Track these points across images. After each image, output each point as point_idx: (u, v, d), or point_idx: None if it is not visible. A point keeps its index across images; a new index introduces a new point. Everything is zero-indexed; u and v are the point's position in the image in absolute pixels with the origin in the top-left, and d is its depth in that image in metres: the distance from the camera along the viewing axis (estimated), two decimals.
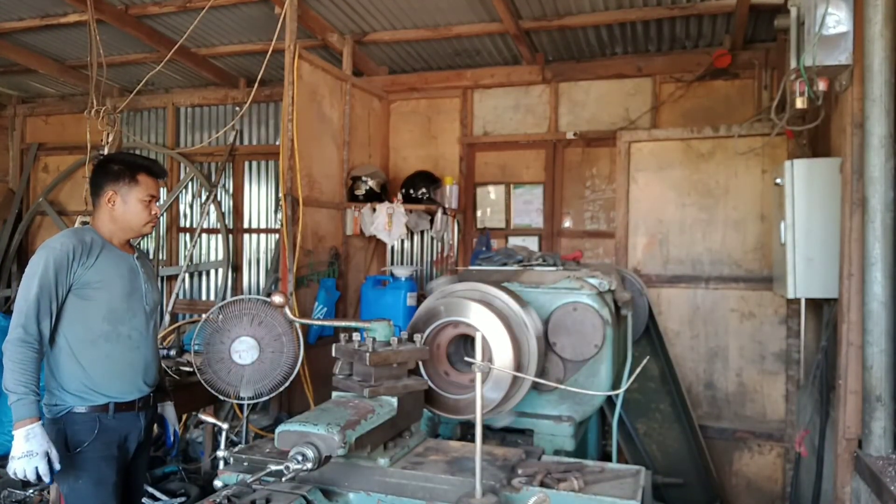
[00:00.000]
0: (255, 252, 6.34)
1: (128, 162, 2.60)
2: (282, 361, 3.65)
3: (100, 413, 2.45)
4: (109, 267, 2.50)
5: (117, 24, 4.86)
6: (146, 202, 2.57)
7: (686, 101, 5.08)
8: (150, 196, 2.58)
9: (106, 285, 2.47)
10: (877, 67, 2.62)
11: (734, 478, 4.76)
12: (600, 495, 1.86)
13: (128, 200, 2.55)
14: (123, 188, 2.54)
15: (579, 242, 5.37)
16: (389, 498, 1.92)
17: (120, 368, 2.50)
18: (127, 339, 2.52)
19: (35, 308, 2.33)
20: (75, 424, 2.42)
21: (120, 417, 2.49)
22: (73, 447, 2.40)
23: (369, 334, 2.18)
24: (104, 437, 2.44)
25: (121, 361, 2.50)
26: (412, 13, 4.79)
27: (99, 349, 2.45)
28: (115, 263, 2.53)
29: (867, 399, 2.70)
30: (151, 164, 2.64)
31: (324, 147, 4.82)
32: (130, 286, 2.55)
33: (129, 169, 2.56)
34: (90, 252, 2.46)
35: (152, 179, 2.60)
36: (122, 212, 2.56)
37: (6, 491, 3.89)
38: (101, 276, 2.46)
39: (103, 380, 2.46)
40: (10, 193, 7.04)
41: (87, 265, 2.44)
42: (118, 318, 2.50)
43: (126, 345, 2.52)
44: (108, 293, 2.47)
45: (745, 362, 4.80)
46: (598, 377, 2.93)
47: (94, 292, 2.45)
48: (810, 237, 3.46)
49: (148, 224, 2.61)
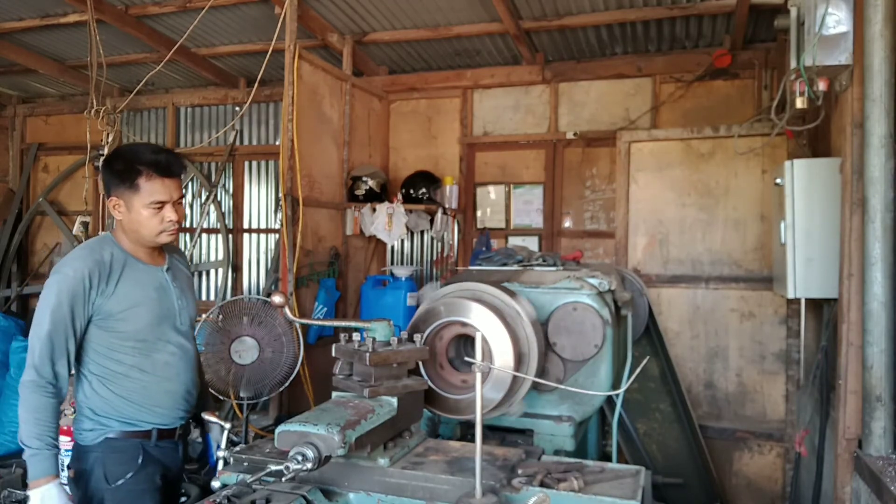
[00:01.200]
0: (255, 252, 6.34)
1: (128, 159, 2.15)
2: (282, 361, 3.66)
3: (143, 440, 2.17)
4: (134, 291, 2.15)
5: (117, 24, 4.86)
6: (155, 208, 2.15)
7: (686, 101, 5.08)
8: (156, 202, 2.14)
9: (131, 315, 2.13)
10: (877, 67, 2.62)
11: (734, 478, 4.76)
12: (600, 495, 1.86)
13: (132, 207, 2.15)
14: (126, 193, 2.14)
15: (579, 242, 5.37)
16: (389, 498, 1.92)
17: (158, 399, 2.21)
18: (163, 367, 2.21)
19: (48, 347, 2.02)
20: (115, 452, 2.13)
21: (162, 445, 2.22)
22: (113, 479, 2.11)
23: (369, 334, 2.17)
24: (147, 467, 2.16)
25: (158, 391, 2.20)
26: (412, 13, 4.79)
27: (133, 381, 2.16)
28: (140, 285, 2.18)
29: (867, 399, 2.70)
30: (157, 160, 2.15)
31: (324, 147, 4.82)
32: (160, 309, 2.21)
33: (129, 169, 2.13)
34: (110, 275, 2.11)
35: (158, 180, 2.14)
36: (128, 220, 2.18)
37: (6, 491, 3.89)
38: (124, 304, 2.12)
39: (144, 407, 2.18)
40: (10, 193, 7.05)
41: (106, 293, 2.10)
42: (149, 347, 2.18)
43: (163, 374, 2.21)
44: (133, 324, 2.14)
45: (745, 362, 4.80)
46: (598, 377, 2.93)
47: (117, 323, 2.12)
48: (810, 237, 3.45)
49: (162, 234, 2.19)
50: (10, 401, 4.61)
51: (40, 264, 6.96)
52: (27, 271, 7.03)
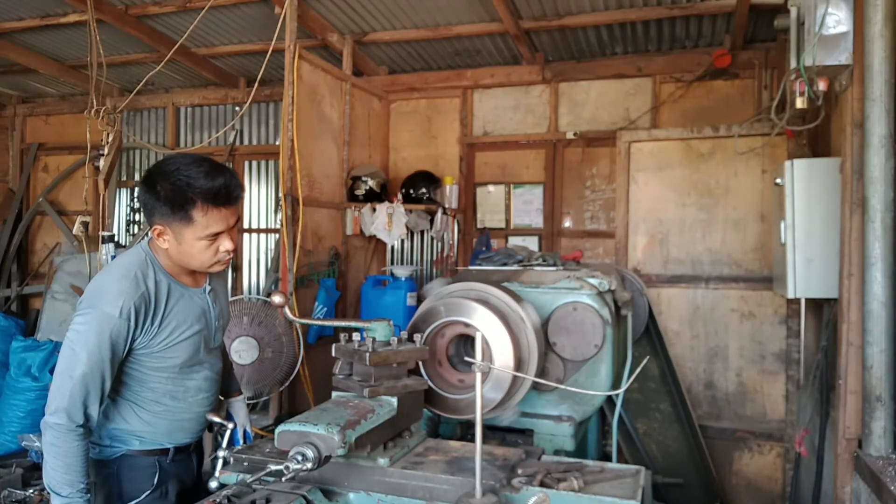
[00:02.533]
0: (255, 252, 6.34)
1: (179, 186, 1.84)
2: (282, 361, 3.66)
3: (159, 457, 2.07)
4: (179, 325, 1.98)
5: (117, 24, 4.86)
6: (210, 240, 1.91)
7: (686, 101, 5.08)
8: (212, 234, 1.90)
9: (172, 351, 1.98)
10: (877, 67, 2.62)
11: (734, 478, 4.76)
12: (600, 495, 1.86)
13: (182, 239, 1.91)
14: (175, 223, 1.88)
15: (579, 242, 5.37)
16: (389, 498, 1.92)
17: (183, 423, 2.11)
18: (195, 392, 2.11)
19: (82, 391, 1.83)
20: (132, 470, 2.03)
21: (178, 460, 2.13)
22: (129, 497, 2.02)
23: (369, 334, 2.17)
24: (163, 484, 2.07)
25: (187, 416, 2.11)
26: (412, 13, 4.79)
27: (162, 406, 2.05)
28: (184, 316, 1.99)
29: (867, 399, 2.70)
30: (215, 188, 1.85)
31: (324, 147, 4.82)
32: (200, 338, 2.05)
33: (180, 197, 1.84)
34: (155, 310, 1.91)
35: (215, 210, 1.87)
36: (176, 252, 1.95)
37: (6, 491, 3.89)
38: (168, 341, 1.96)
39: (169, 432, 2.08)
40: (10, 193, 7.05)
41: (151, 331, 1.92)
42: (184, 375, 2.06)
43: (193, 398, 2.11)
44: (174, 359, 2.00)
45: (745, 362, 4.80)
46: (598, 377, 2.93)
47: (156, 360, 1.98)
48: (810, 237, 3.46)
49: (215, 265, 2.00)
50: (10, 401, 4.62)
51: (40, 264, 6.96)
52: (27, 271, 7.03)
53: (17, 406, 4.55)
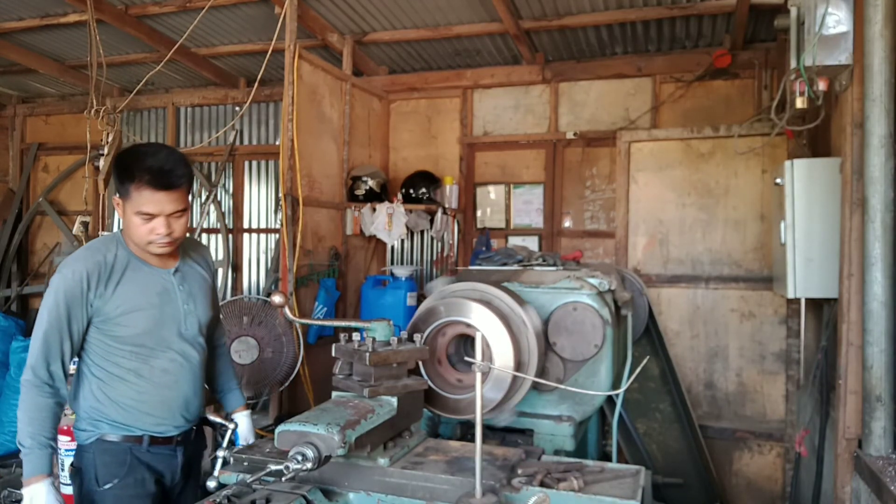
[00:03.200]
0: (255, 252, 6.34)
1: (128, 162, 2.02)
2: (282, 361, 3.66)
3: (133, 444, 2.11)
4: (134, 294, 2.08)
5: (117, 24, 4.86)
6: (144, 218, 2.02)
7: (686, 101, 5.08)
8: (144, 213, 2.02)
9: (129, 320, 2.06)
10: (877, 67, 2.62)
11: (734, 478, 4.76)
12: (600, 495, 1.86)
13: (126, 211, 2.04)
14: (122, 196, 2.04)
15: (579, 242, 5.37)
16: (389, 498, 1.92)
17: (152, 406, 2.13)
18: (161, 374, 2.13)
19: (44, 348, 1.99)
20: (105, 454, 2.09)
21: (156, 451, 2.14)
22: (103, 482, 2.07)
23: (369, 334, 2.18)
24: (137, 472, 2.10)
25: (153, 398, 2.12)
26: (412, 13, 4.79)
27: (129, 386, 2.10)
28: (141, 287, 2.10)
29: (867, 399, 2.70)
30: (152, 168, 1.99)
31: (324, 147, 4.82)
32: (161, 314, 2.12)
33: (125, 172, 2.01)
34: (110, 276, 2.05)
35: (148, 191, 1.99)
36: (124, 224, 2.09)
37: (6, 491, 3.89)
38: (122, 308, 2.05)
39: (135, 414, 2.11)
40: (10, 193, 7.05)
41: (105, 296, 2.04)
42: (148, 352, 2.11)
43: (160, 380, 2.13)
44: (132, 328, 2.07)
45: (745, 362, 4.80)
46: (598, 377, 2.93)
47: (115, 327, 2.06)
48: (810, 237, 3.45)
49: (150, 245, 2.07)
50: (10, 401, 4.62)
51: (40, 264, 6.96)
52: (27, 271, 7.03)
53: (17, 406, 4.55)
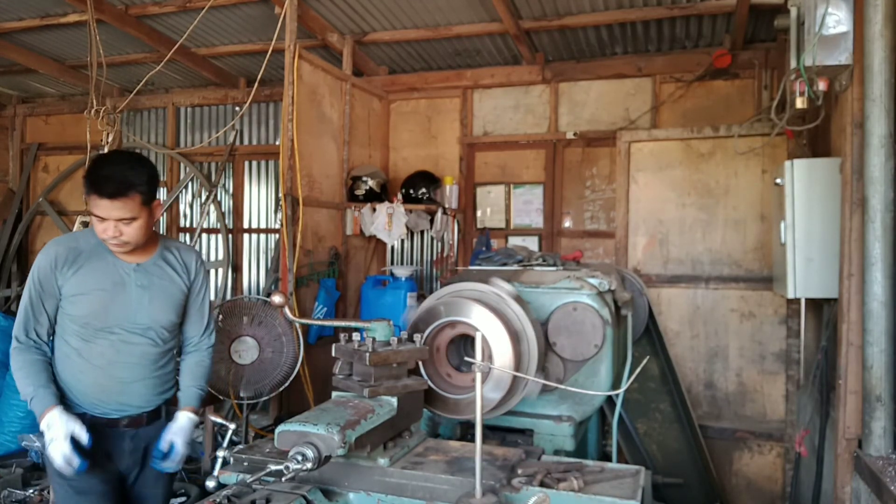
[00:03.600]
0: (255, 252, 6.34)
1: (88, 167, 2.23)
2: (282, 361, 3.66)
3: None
4: (88, 279, 2.26)
5: (117, 24, 4.86)
6: (98, 219, 2.20)
7: (686, 101, 5.08)
8: (95, 216, 2.19)
9: (79, 300, 2.25)
10: (877, 67, 2.62)
11: (734, 478, 4.76)
12: (600, 495, 1.86)
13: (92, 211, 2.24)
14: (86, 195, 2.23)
15: (579, 242, 5.37)
16: (389, 498, 1.92)
17: (86, 387, 2.29)
18: (98, 356, 2.28)
19: (24, 317, 2.27)
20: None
21: (100, 432, 2.26)
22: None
23: (369, 334, 2.18)
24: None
25: (88, 379, 2.29)
26: (412, 13, 4.79)
27: (72, 364, 2.29)
28: (97, 275, 2.27)
29: (867, 399, 2.70)
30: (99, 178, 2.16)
31: (324, 147, 4.82)
32: (109, 303, 2.27)
33: (84, 176, 2.22)
34: (75, 260, 2.26)
35: (95, 197, 2.17)
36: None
37: (6, 491, 3.89)
38: (76, 290, 2.25)
39: (76, 392, 2.29)
40: (10, 193, 7.05)
41: (66, 277, 2.25)
42: (91, 335, 2.27)
43: (96, 363, 2.28)
44: (79, 309, 2.26)
45: (745, 362, 4.80)
46: (598, 377, 2.93)
47: (67, 306, 2.27)
48: (810, 237, 3.45)
49: (106, 242, 2.25)
50: (10, 401, 4.61)
51: None
52: (27, 271, 7.00)
53: (18, 406, 4.54)
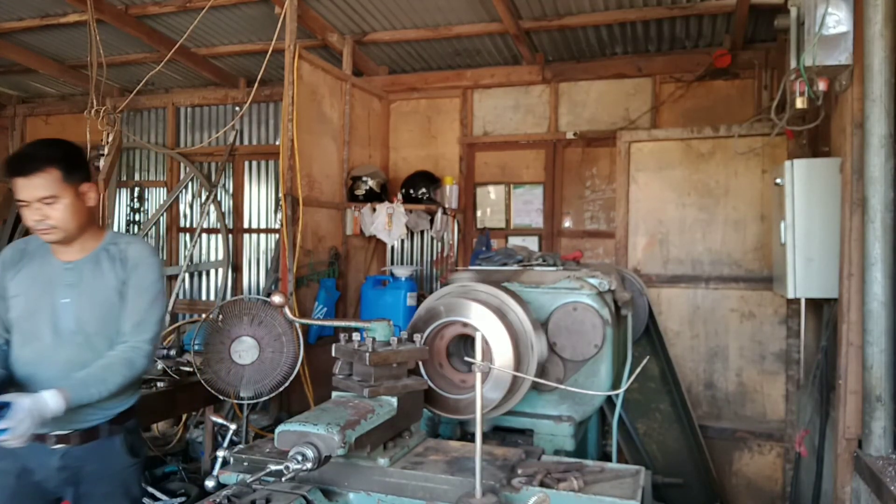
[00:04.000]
0: (255, 252, 6.34)
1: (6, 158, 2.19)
2: (282, 361, 3.65)
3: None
4: (26, 279, 2.20)
5: (117, 24, 4.86)
6: (22, 205, 2.11)
7: (686, 101, 5.08)
8: (18, 200, 2.11)
9: (13, 303, 2.20)
10: (877, 67, 2.62)
11: (734, 478, 4.76)
12: (600, 495, 1.86)
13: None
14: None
15: (579, 242, 5.37)
16: (389, 498, 1.92)
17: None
18: (24, 365, 2.18)
19: None
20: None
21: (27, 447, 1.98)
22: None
23: (369, 334, 2.17)
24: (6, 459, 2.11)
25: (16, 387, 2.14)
26: (412, 13, 4.79)
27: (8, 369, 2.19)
28: (31, 276, 2.21)
29: (867, 399, 2.70)
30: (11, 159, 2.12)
31: (324, 147, 4.82)
32: (35, 303, 2.18)
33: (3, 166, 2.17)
34: (19, 262, 2.23)
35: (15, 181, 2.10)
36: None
37: None
38: (15, 291, 2.20)
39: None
40: (10, 193, 7.02)
41: (10, 277, 2.22)
42: (23, 340, 2.19)
43: (22, 370, 2.17)
44: (14, 311, 2.19)
45: (745, 362, 4.80)
46: (598, 377, 2.93)
47: (7, 310, 2.22)
48: (810, 237, 3.45)
49: (37, 233, 2.17)
50: None
51: None
52: None
53: None
